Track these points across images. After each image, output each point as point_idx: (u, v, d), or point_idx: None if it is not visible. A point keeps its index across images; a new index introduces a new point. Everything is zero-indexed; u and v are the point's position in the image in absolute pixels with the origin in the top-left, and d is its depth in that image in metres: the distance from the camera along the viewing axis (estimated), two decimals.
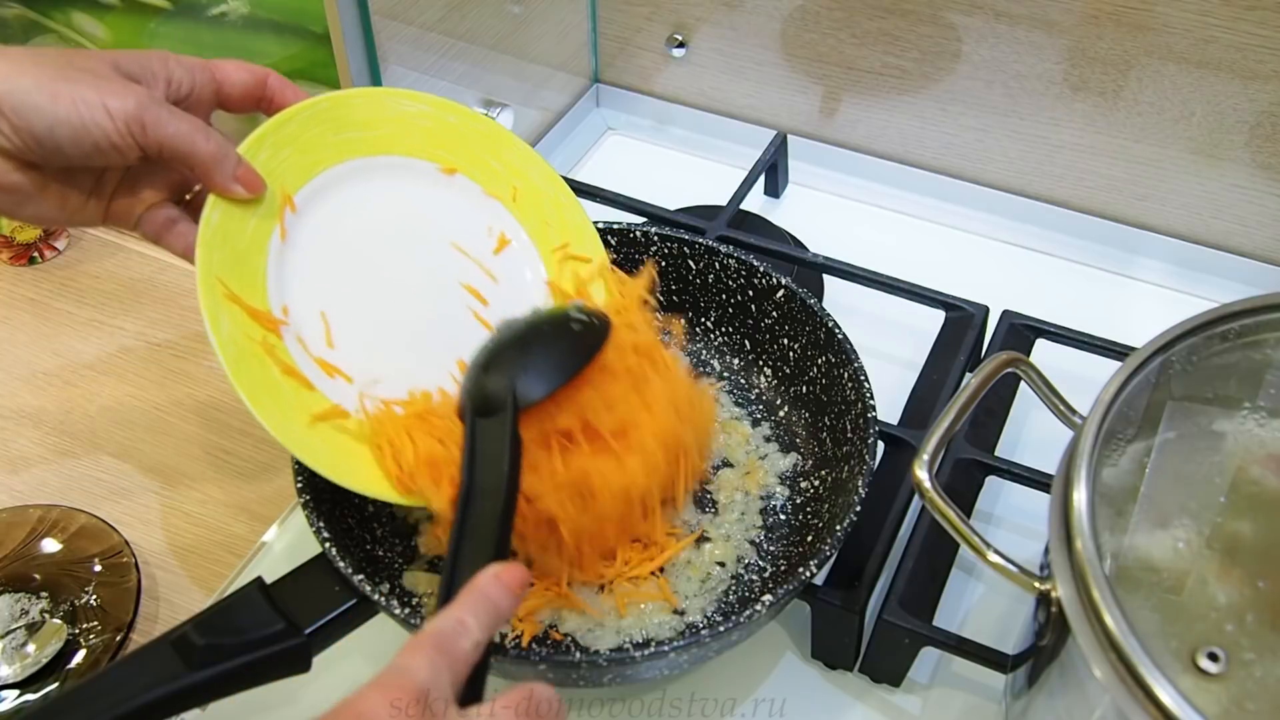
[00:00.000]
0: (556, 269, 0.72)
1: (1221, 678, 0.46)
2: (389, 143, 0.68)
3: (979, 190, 0.99)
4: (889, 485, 0.69)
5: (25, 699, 0.64)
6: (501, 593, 0.47)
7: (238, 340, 0.58)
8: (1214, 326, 0.54)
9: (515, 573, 0.48)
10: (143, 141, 0.56)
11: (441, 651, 0.44)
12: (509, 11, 0.94)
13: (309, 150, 0.64)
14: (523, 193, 0.72)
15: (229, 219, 0.60)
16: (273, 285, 0.61)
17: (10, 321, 0.89)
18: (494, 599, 0.47)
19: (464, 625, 0.45)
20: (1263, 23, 0.80)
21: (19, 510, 0.73)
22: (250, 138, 0.61)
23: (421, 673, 0.42)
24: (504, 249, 0.71)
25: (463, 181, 0.70)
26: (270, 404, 0.58)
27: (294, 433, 0.59)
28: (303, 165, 0.64)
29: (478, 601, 0.46)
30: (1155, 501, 0.52)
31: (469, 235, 0.70)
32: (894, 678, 0.66)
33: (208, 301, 0.57)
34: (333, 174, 0.65)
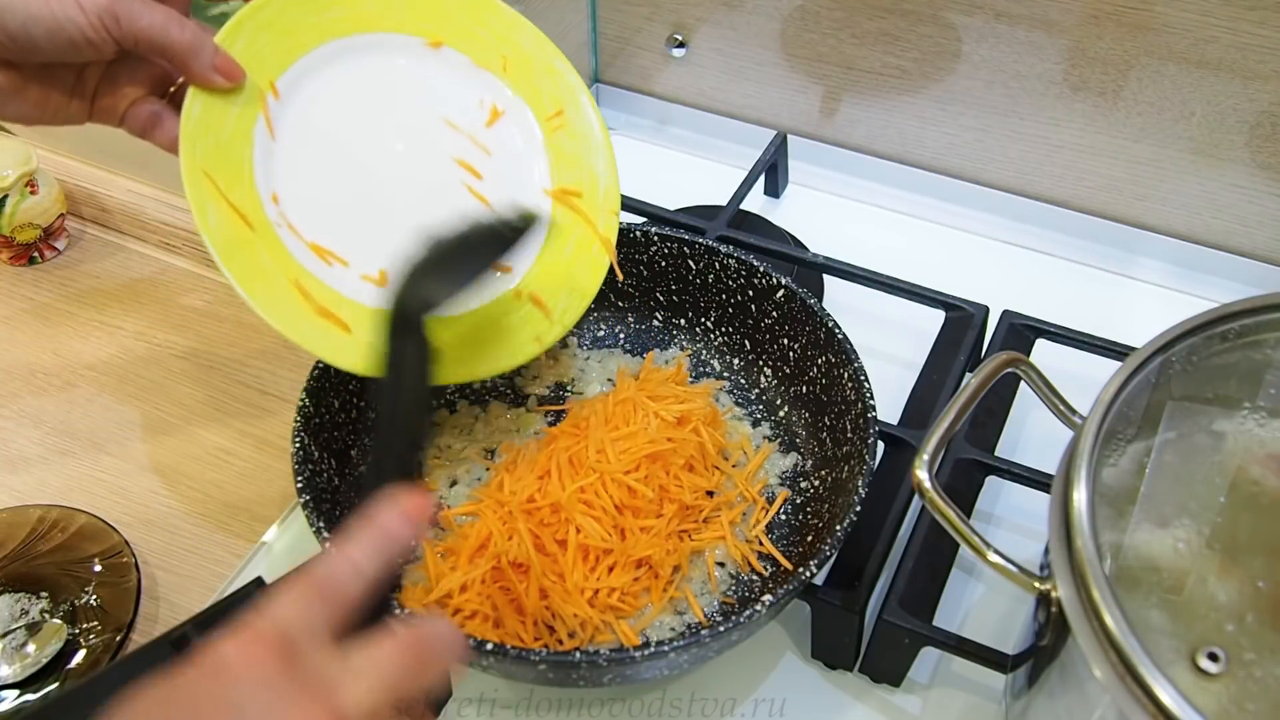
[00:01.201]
0: (551, 136, 0.71)
1: (1221, 678, 0.46)
2: (371, 19, 0.67)
3: (979, 190, 0.99)
4: (889, 485, 0.69)
5: (25, 699, 0.64)
6: (400, 523, 0.43)
7: (225, 230, 0.59)
8: (1214, 326, 0.54)
9: (416, 500, 0.44)
10: (117, 34, 0.55)
11: (320, 593, 0.40)
12: None
13: (289, 34, 0.63)
14: (513, 60, 0.71)
15: (210, 110, 0.60)
16: (260, 174, 0.61)
17: (10, 321, 0.89)
18: (389, 529, 0.43)
19: (353, 565, 0.41)
20: (1263, 23, 0.80)
21: (19, 510, 0.73)
22: (227, 25, 0.61)
23: (288, 615, 0.39)
24: (496, 121, 0.70)
25: (450, 54, 0.69)
26: (263, 290, 0.59)
27: (288, 317, 0.59)
28: (283, 50, 0.63)
29: (372, 534, 0.43)
30: (1155, 501, 0.52)
31: (460, 109, 0.69)
32: (894, 678, 0.66)
33: (194, 194, 0.58)
34: (315, 56, 0.64)
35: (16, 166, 0.88)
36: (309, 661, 0.38)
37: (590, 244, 0.71)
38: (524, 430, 0.76)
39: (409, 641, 0.41)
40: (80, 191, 0.96)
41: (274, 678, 0.37)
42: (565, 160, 0.71)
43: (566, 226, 0.71)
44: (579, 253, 0.71)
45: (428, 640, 0.41)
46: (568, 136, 0.71)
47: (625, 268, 0.80)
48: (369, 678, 0.39)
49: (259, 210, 0.61)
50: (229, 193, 0.60)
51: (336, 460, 0.69)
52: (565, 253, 0.70)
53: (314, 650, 0.39)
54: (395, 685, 0.39)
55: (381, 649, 0.40)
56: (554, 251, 0.70)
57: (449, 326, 0.66)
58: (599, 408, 0.71)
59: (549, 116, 0.71)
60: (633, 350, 0.81)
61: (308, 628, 0.39)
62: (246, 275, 0.59)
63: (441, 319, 0.64)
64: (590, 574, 0.63)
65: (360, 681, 0.39)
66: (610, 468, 0.66)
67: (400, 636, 0.41)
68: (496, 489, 0.68)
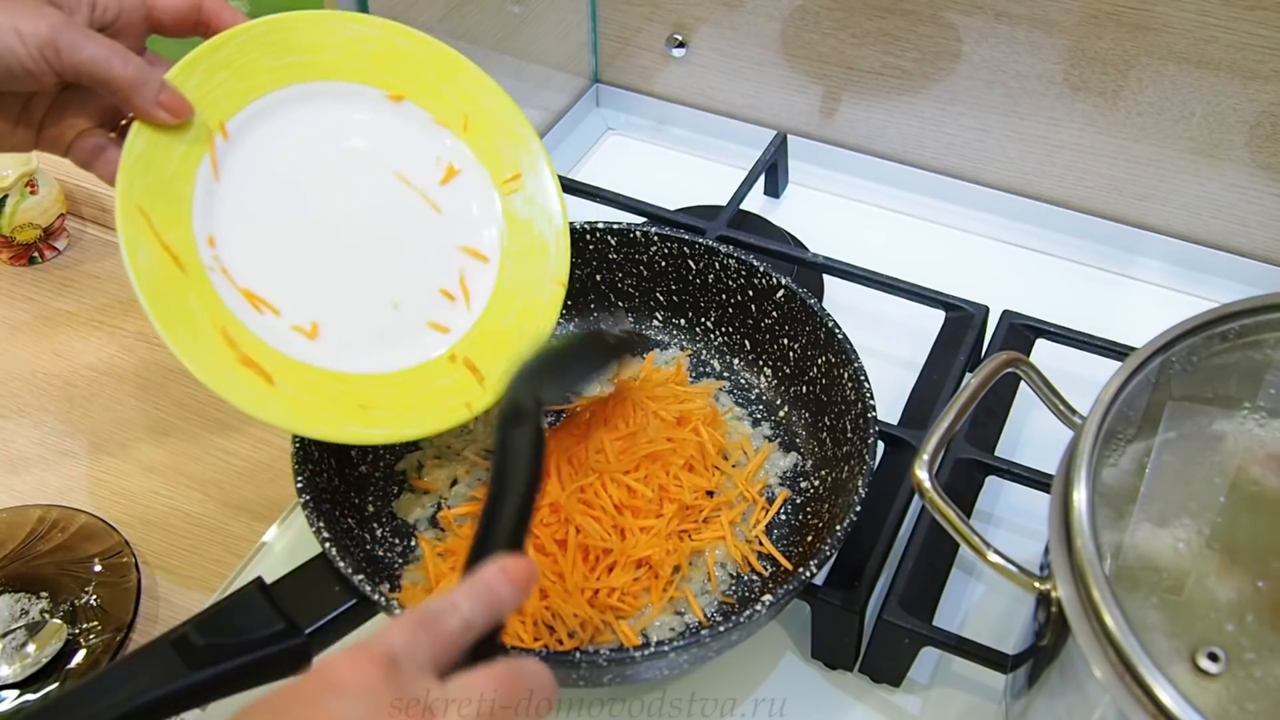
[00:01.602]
0: (506, 199, 0.70)
1: (1221, 678, 0.46)
2: (333, 68, 0.65)
3: (979, 190, 0.99)
4: (889, 485, 0.69)
5: (25, 699, 0.64)
6: (503, 581, 0.45)
7: (154, 270, 0.57)
8: (1214, 326, 0.54)
9: (522, 565, 0.46)
10: (57, 66, 0.55)
11: (423, 624, 0.42)
12: (509, 11, 0.94)
13: (246, 75, 0.62)
14: (475, 120, 0.70)
15: (154, 146, 0.58)
16: (199, 215, 0.60)
17: (10, 321, 0.89)
18: (494, 586, 0.45)
19: (454, 605, 0.44)
20: (1263, 23, 0.80)
21: (19, 510, 0.73)
22: (181, 62, 0.60)
23: (394, 640, 0.41)
24: (451, 179, 0.68)
25: (411, 109, 0.68)
26: (186, 334, 0.57)
27: (208, 363, 0.58)
28: (238, 91, 0.62)
29: (475, 586, 0.45)
30: (1155, 501, 0.52)
31: (415, 165, 0.68)
32: (894, 678, 0.66)
33: (125, 230, 0.56)
34: (271, 100, 0.63)
35: (16, 166, 0.88)
36: (410, 681, 0.40)
37: (532, 314, 0.69)
38: None
39: (502, 673, 0.43)
40: (80, 191, 0.96)
41: (378, 689, 0.39)
42: (517, 225, 0.70)
43: (511, 294, 0.69)
44: (521, 320, 0.69)
45: (521, 674, 0.43)
46: (523, 201, 0.70)
47: (625, 267, 0.80)
48: (465, 703, 0.41)
49: (192, 252, 0.59)
50: (163, 232, 0.58)
51: (336, 460, 0.69)
52: (506, 320, 0.69)
53: (416, 675, 0.41)
54: (488, 708, 0.41)
55: (477, 677, 0.42)
56: (494, 318, 0.68)
57: (378, 386, 0.64)
58: (598, 408, 0.71)
59: (505, 180, 0.70)
60: None
61: (411, 653, 0.41)
62: (170, 317, 0.57)
63: (371, 378, 0.64)
64: (590, 574, 0.63)
65: (456, 706, 0.41)
66: (610, 467, 0.66)
67: (495, 667, 0.43)
68: None
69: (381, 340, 0.65)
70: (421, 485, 0.72)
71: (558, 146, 1.07)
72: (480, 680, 0.42)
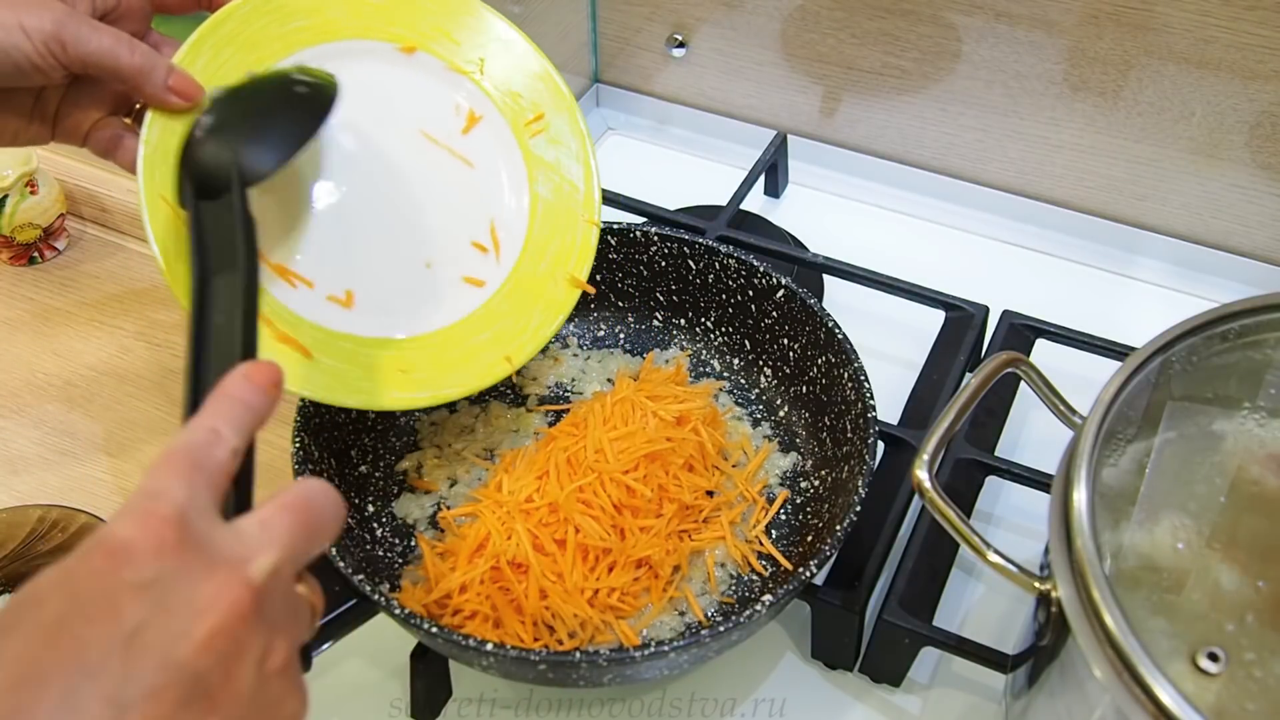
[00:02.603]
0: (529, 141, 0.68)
1: (1221, 678, 0.46)
2: (339, 27, 0.64)
3: (979, 190, 0.99)
4: (889, 485, 0.69)
5: None
6: (253, 392, 0.43)
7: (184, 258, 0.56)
8: (1214, 326, 0.54)
9: (265, 369, 0.44)
10: (64, 60, 0.55)
11: (196, 466, 0.40)
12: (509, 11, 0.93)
13: (253, 47, 0.61)
14: (490, 63, 0.68)
15: (169, 133, 0.57)
16: None
17: (10, 321, 0.89)
18: (246, 400, 0.43)
19: (217, 434, 0.41)
20: (1263, 23, 0.80)
21: (19, 510, 0.73)
22: (186, 43, 0.59)
23: (177, 492, 0.38)
24: (474, 127, 0.67)
25: (424, 59, 0.67)
26: None
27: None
28: (247, 64, 0.61)
29: (229, 406, 0.42)
30: (1155, 502, 0.52)
31: (435, 116, 0.67)
32: (894, 678, 0.66)
33: (152, 220, 0.55)
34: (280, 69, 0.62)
35: (16, 166, 0.88)
36: (205, 533, 0.38)
37: (567, 258, 0.69)
38: (524, 430, 0.76)
39: (290, 503, 0.41)
40: (80, 191, 0.96)
41: (177, 551, 0.37)
42: (543, 167, 0.69)
43: (545, 239, 0.69)
44: (555, 267, 0.69)
45: (308, 499, 0.41)
46: (547, 142, 0.69)
47: (625, 267, 0.80)
48: (265, 543, 0.39)
49: None
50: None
51: (336, 460, 0.69)
52: (541, 267, 0.68)
53: (208, 525, 0.38)
54: (290, 546, 0.39)
55: (266, 514, 0.40)
56: (529, 266, 0.68)
57: (416, 349, 0.64)
58: (597, 408, 0.71)
59: (528, 121, 0.69)
60: (633, 350, 0.81)
61: (193, 500, 0.39)
62: None
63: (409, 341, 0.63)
64: (590, 574, 0.63)
65: (257, 547, 0.39)
66: (609, 467, 0.66)
67: (279, 500, 0.41)
68: (495, 489, 0.68)
69: (417, 302, 0.64)
70: (421, 485, 0.72)
71: None
72: (276, 518, 0.40)
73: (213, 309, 0.46)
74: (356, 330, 0.62)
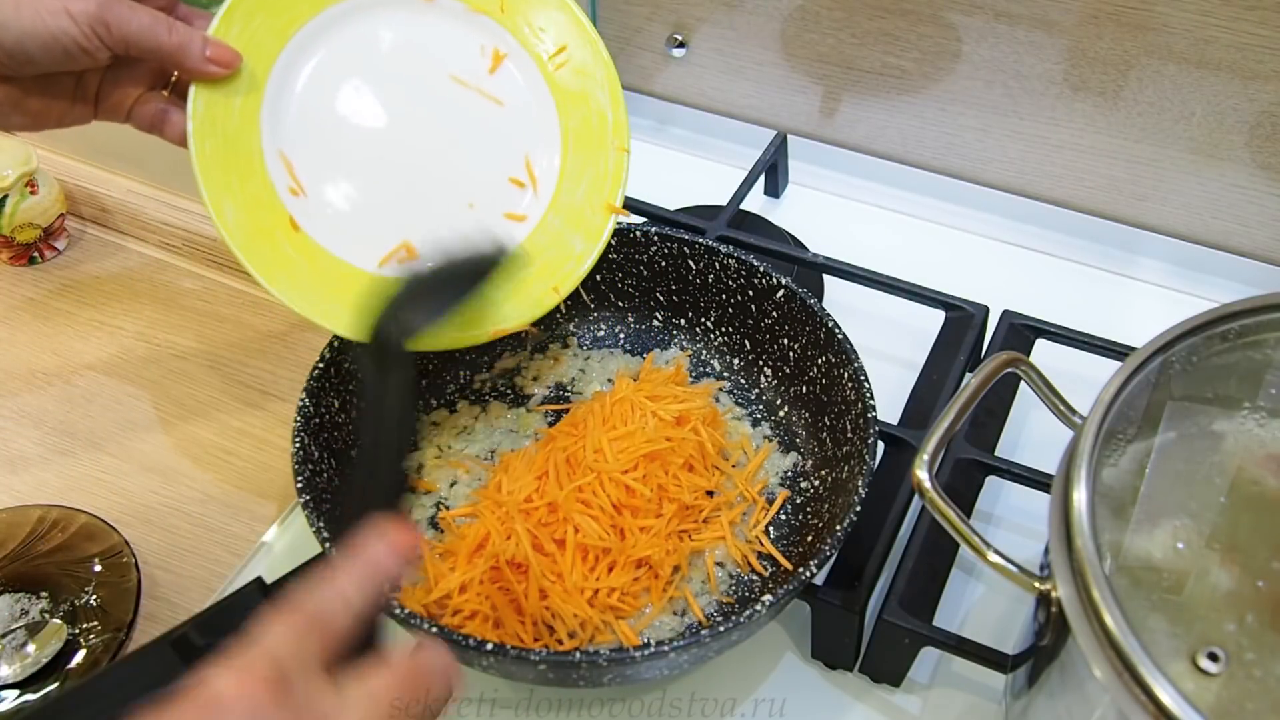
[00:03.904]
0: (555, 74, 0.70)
1: (1221, 678, 0.46)
2: None
3: (979, 190, 0.99)
4: (889, 485, 0.69)
5: (25, 699, 0.64)
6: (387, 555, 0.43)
7: (245, 225, 0.60)
8: (1214, 326, 0.54)
9: (402, 534, 0.44)
10: (109, 41, 0.57)
11: (313, 625, 0.40)
12: None
13: (280, 10, 0.63)
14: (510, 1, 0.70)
15: (213, 105, 0.60)
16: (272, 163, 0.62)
17: (10, 321, 0.89)
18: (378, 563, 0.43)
19: (343, 597, 0.41)
20: (1263, 23, 0.80)
21: (19, 510, 0.73)
22: (219, 16, 0.61)
23: (281, 649, 0.39)
24: (500, 65, 0.69)
25: (446, 3, 0.68)
26: (286, 279, 0.60)
27: (313, 302, 0.60)
28: (277, 28, 0.63)
29: (361, 567, 0.43)
30: (1155, 501, 0.52)
31: (462, 58, 0.68)
32: (894, 678, 0.66)
33: (210, 192, 0.59)
34: (310, 29, 0.64)
35: (16, 166, 0.88)
36: (302, 694, 0.38)
37: (601, 185, 0.71)
38: (524, 430, 0.76)
39: (403, 672, 0.41)
40: (80, 191, 0.96)
41: (268, 711, 0.37)
42: (571, 99, 0.71)
43: (579, 169, 0.70)
44: (592, 193, 0.70)
45: (422, 670, 0.42)
46: (572, 73, 0.71)
47: (625, 267, 0.80)
48: (363, 709, 0.39)
49: (275, 200, 0.61)
50: (243, 186, 0.60)
51: (336, 460, 0.69)
52: (579, 195, 0.70)
53: (307, 683, 0.38)
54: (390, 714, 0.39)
55: (376, 679, 0.40)
56: (567, 196, 0.70)
57: None
58: (597, 408, 0.71)
59: (552, 54, 0.70)
60: (633, 350, 0.81)
61: (300, 660, 0.39)
62: (268, 266, 0.60)
63: None
64: (590, 574, 0.63)
65: (353, 711, 0.39)
66: (608, 467, 0.66)
67: (394, 667, 0.41)
68: (495, 490, 0.68)
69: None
70: (421, 486, 0.72)
71: None
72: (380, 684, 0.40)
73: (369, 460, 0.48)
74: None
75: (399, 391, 0.50)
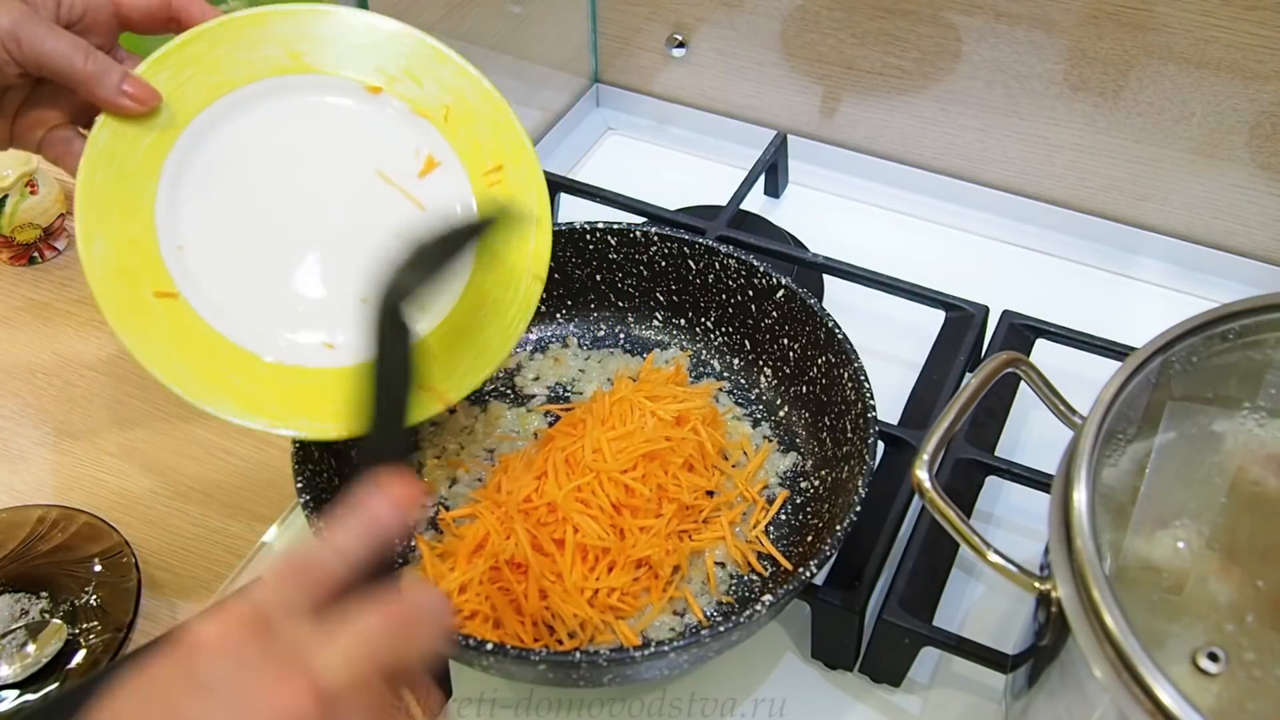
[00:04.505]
0: (485, 192, 0.68)
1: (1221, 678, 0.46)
2: (307, 62, 0.65)
3: (979, 190, 0.99)
4: (889, 485, 0.69)
5: (25, 699, 0.64)
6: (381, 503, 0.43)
7: (111, 263, 0.58)
8: (1214, 326, 0.54)
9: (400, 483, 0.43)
10: (19, 58, 0.56)
11: (294, 571, 0.40)
12: (509, 11, 0.94)
13: (217, 69, 0.62)
14: (455, 111, 0.68)
15: (119, 138, 0.59)
16: (163, 213, 0.60)
17: (10, 321, 0.89)
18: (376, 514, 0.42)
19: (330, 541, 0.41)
20: (1263, 23, 0.80)
21: (19, 510, 0.73)
22: (150, 58, 0.60)
23: (261, 593, 0.39)
24: (431, 171, 0.67)
25: (389, 100, 0.67)
26: (138, 326, 0.58)
27: (159, 354, 0.58)
28: (209, 85, 0.61)
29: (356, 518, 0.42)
30: (1155, 501, 0.52)
31: (394, 159, 0.66)
32: (894, 678, 0.66)
33: (84, 220, 0.57)
34: (243, 94, 0.63)
35: (16, 166, 0.88)
36: (284, 634, 0.38)
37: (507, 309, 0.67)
38: (524, 430, 0.76)
39: (392, 610, 0.40)
40: None
41: (247, 652, 0.37)
42: None
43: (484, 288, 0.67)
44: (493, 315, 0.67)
45: (412, 608, 0.41)
46: (504, 194, 0.69)
47: (625, 267, 0.80)
48: (347, 646, 0.38)
49: (153, 245, 0.59)
50: (123, 224, 0.58)
51: (336, 460, 0.69)
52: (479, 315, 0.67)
53: (289, 624, 0.38)
54: (378, 653, 0.39)
55: (362, 618, 0.39)
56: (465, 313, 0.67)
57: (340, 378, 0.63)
58: (596, 408, 0.71)
59: (486, 171, 0.68)
60: (632, 350, 0.81)
61: (284, 604, 0.39)
62: (122, 310, 0.58)
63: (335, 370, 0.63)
64: (589, 574, 0.63)
65: (338, 650, 0.38)
66: (607, 467, 0.66)
67: (382, 605, 0.40)
68: (494, 490, 0.68)
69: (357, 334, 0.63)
70: (421, 486, 0.72)
71: (558, 146, 1.07)
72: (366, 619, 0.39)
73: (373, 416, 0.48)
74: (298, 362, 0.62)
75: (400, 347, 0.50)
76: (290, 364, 0.62)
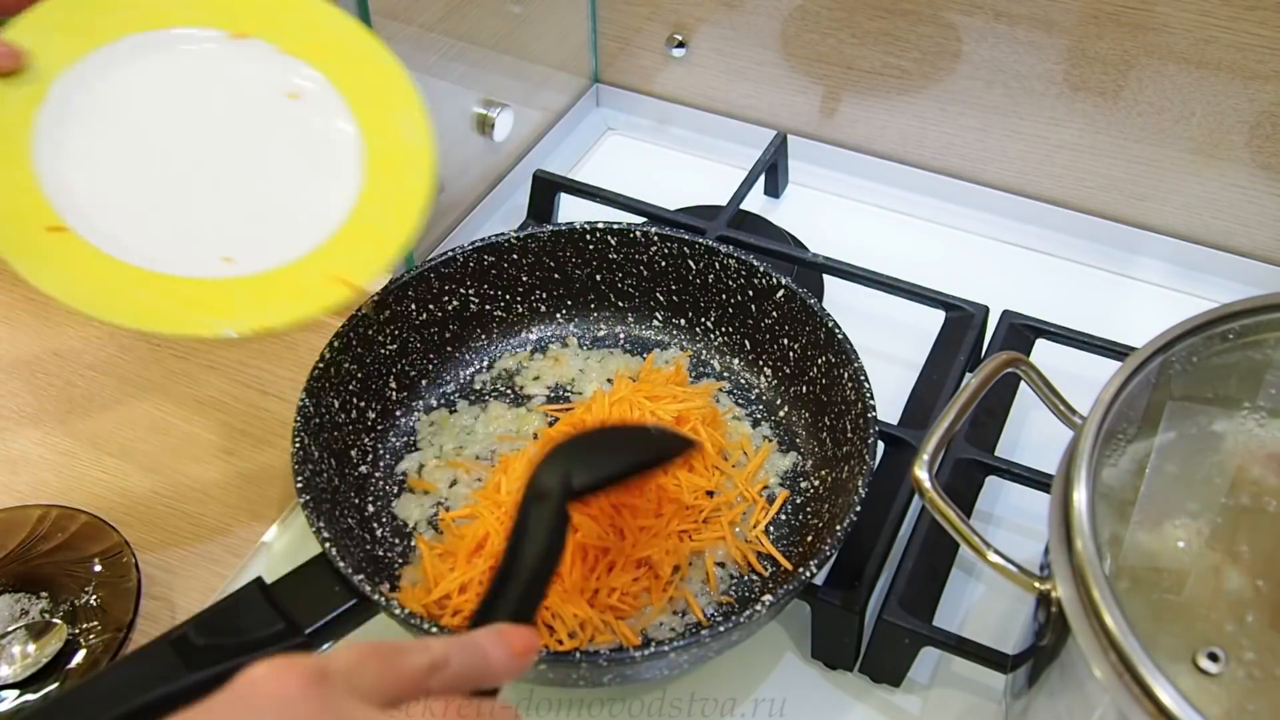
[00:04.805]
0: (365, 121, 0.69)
1: (1221, 678, 0.46)
2: (170, 14, 0.67)
3: (979, 190, 0.99)
4: (889, 485, 0.69)
5: (25, 699, 0.64)
6: (495, 642, 0.42)
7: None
8: (1214, 326, 0.54)
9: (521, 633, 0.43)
10: None
11: (376, 654, 0.39)
12: (509, 11, 0.94)
13: (79, 32, 0.64)
14: (322, 45, 0.69)
15: None
16: (47, 159, 0.62)
17: (10, 321, 0.89)
18: (483, 644, 0.42)
19: (425, 646, 0.40)
20: (1263, 23, 0.80)
21: (19, 510, 0.73)
22: (12, 22, 0.62)
23: (333, 659, 0.38)
24: (298, 100, 0.68)
25: (255, 44, 0.68)
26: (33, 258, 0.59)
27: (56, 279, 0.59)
28: (71, 46, 0.63)
29: (464, 641, 0.42)
30: (1155, 501, 0.52)
31: (264, 101, 0.68)
32: (894, 678, 0.66)
33: None
34: (107, 52, 0.64)
35: None
36: (341, 704, 0.37)
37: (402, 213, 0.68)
38: (524, 430, 0.76)
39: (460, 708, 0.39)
40: None
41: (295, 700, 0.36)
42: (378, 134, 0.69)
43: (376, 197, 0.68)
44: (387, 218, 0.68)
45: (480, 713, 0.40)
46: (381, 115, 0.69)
47: (625, 267, 0.80)
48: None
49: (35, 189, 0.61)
50: (5, 172, 0.60)
51: (336, 460, 0.69)
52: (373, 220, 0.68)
53: (350, 697, 0.37)
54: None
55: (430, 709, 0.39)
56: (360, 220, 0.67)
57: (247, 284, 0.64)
58: (596, 408, 0.71)
59: (360, 97, 0.69)
60: (632, 350, 0.82)
61: (350, 675, 0.38)
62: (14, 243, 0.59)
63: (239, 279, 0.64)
64: (589, 574, 0.63)
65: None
66: None
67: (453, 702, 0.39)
68: (494, 490, 0.68)
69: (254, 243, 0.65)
70: (421, 486, 0.72)
71: (558, 146, 1.07)
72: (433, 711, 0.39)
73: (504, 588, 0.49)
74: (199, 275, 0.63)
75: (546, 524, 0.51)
76: (191, 277, 0.63)
